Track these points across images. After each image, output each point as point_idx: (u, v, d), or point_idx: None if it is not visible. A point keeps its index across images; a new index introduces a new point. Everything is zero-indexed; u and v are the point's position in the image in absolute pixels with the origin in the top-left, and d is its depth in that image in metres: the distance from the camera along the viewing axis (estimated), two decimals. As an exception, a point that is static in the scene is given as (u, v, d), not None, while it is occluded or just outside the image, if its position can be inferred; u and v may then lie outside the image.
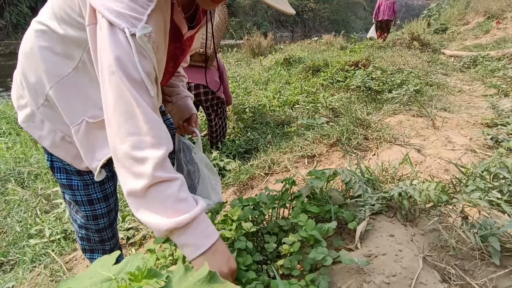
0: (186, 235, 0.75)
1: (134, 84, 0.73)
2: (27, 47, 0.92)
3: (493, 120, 2.36)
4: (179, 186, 0.77)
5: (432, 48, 7.14)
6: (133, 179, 0.74)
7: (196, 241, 0.76)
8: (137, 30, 0.72)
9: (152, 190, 0.74)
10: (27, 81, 0.94)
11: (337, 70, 4.60)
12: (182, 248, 0.77)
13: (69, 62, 0.89)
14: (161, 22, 0.80)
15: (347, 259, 0.88)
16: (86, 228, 1.19)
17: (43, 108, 0.95)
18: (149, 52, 0.76)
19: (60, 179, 1.08)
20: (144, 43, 0.74)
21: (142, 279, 0.55)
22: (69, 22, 0.85)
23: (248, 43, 9.28)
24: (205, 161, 1.23)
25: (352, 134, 2.16)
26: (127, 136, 0.73)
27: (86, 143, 0.94)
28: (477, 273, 0.94)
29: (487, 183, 1.24)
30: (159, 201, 0.74)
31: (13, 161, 2.84)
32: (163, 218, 0.73)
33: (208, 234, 0.77)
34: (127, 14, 0.71)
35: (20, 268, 1.77)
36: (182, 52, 1.07)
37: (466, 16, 13.45)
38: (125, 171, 0.75)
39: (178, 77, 1.28)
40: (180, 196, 0.76)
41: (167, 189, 0.75)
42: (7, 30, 16.36)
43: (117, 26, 0.71)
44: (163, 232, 0.74)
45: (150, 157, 0.73)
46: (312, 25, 38.25)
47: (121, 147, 0.74)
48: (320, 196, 1.21)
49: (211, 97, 2.69)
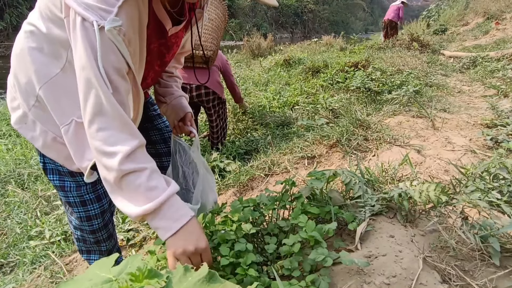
0: (157, 220, 0.81)
1: (98, 80, 0.74)
2: (18, 49, 0.93)
3: (493, 121, 2.36)
4: (148, 175, 0.81)
5: (431, 49, 7.16)
6: (106, 171, 0.80)
7: (165, 224, 0.81)
8: (106, 23, 0.71)
9: (123, 181, 0.79)
10: (18, 82, 0.94)
11: (336, 71, 4.61)
12: (156, 230, 0.83)
13: (57, 62, 0.89)
14: (134, 15, 0.78)
15: (347, 260, 0.88)
16: (81, 229, 1.18)
17: (34, 109, 0.95)
18: (120, 45, 0.75)
19: (53, 180, 1.08)
20: (114, 36, 0.73)
21: (143, 279, 0.56)
22: (52, 19, 0.84)
23: (248, 44, 9.30)
24: (202, 160, 1.22)
25: (352, 135, 2.16)
26: (97, 131, 0.78)
27: (76, 143, 0.93)
28: (477, 273, 0.94)
29: (487, 184, 1.25)
30: (130, 190, 0.80)
31: (13, 162, 2.84)
32: (134, 206, 0.79)
33: (177, 218, 0.82)
34: (96, 6, 0.71)
35: (20, 270, 1.77)
36: (168, 49, 1.04)
37: (466, 17, 13.48)
38: (98, 163, 0.81)
39: (172, 77, 1.27)
40: (150, 184, 0.80)
41: (136, 179, 0.80)
42: (7, 32, 16.38)
43: (86, 19, 0.70)
44: (137, 218, 0.80)
45: (118, 151, 0.78)
46: (311, 26, 38.30)
47: (93, 142, 0.79)
48: (320, 197, 1.21)
49: (212, 97, 2.70)
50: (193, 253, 0.82)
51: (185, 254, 0.81)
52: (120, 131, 0.79)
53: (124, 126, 0.80)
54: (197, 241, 0.83)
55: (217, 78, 2.76)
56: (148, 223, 0.84)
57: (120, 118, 0.79)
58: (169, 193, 0.82)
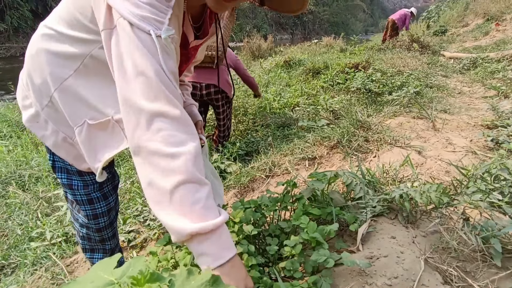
0: (207, 243, 0.71)
1: (164, 83, 0.74)
2: (33, 50, 0.95)
3: (493, 122, 2.36)
4: (208, 192, 0.74)
5: (431, 50, 7.16)
6: (160, 176, 0.71)
7: (216, 251, 0.71)
8: (162, 32, 0.74)
9: (181, 190, 0.70)
10: (32, 82, 0.97)
11: (337, 72, 4.61)
12: (199, 257, 0.72)
13: (71, 65, 0.91)
14: (176, 26, 0.82)
15: (349, 261, 0.88)
16: (87, 227, 1.20)
17: (47, 109, 0.98)
18: (172, 53, 0.79)
19: (61, 178, 1.11)
20: (168, 44, 0.76)
21: (145, 283, 0.55)
22: (77, 26, 0.87)
23: (248, 45, 9.32)
24: (210, 167, 1.25)
25: (352, 136, 2.16)
26: (158, 132, 0.72)
27: (88, 144, 0.97)
28: (479, 274, 0.94)
29: (488, 185, 1.24)
30: (184, 203, 0.70)
31: (14, 164, 2.85)
32: (188, 222, 0.69)
33: (228, 247, 0.73)
34: (151, 18, 0.74)
35: (21, 271, 1.77)
36: (186, 60, 1.09)
37: (466, 18, 13.49)
38: (152, 167, 0.72)
39: (183, 85, 1.30)
40: (208, 203, 0.73)
41: (196, 192, 0.71)
42: (8, 33, 16.42)
43: (142, 29, 0.73)
44: (184, 236, 0.70)
45: (182, 152, 0.71)
46: (312, 28, 38.36)
47: (150, 145, 0.72)
48: (322, 198, 1.21)
49: (221, 96, 2.75)
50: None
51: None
52: (182, 132, 0.74)
53: (185, 126, 0.75)
54: (246, 279, 0.75)
55: (226, 77, 2.80)
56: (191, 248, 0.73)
57: (184, 116, 0.76)
58: (224, 218, 0.74)
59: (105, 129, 0.96)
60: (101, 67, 0.88)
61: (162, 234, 1.85)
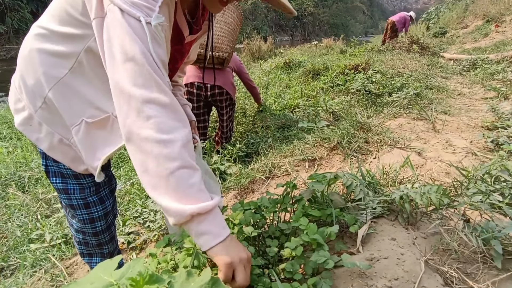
0: (207, 223, 0.74)
1: (153, 69, 0.74)
2: (25, 51, 0.93)
3: (493, 123, 2.36)
4: (200, 178, 0.77)
5: (431, 52, 7.17)
6: (155, 164, 0.72)
7: (215, 230, 0.75)
8: (152, 19, 0.74)
9: (177, 176, 0.72)
10: (25, 84, 0.94)
11: (337, 73, 4.62)
12: (199, 237, 0.75)
13: (65, 63, 0.90)
14: (167, 16, 0.82)
15: (349, 262, 0.87)
16: (83, 232, 1.18)
17: (41, 111, 0.95)
18: (162, 41, 0.78)
19: (55, 183, 1.08)
20: (158, 31, 0.76)
21: (144, 284, 0.55)
22: (69, 21, 0.86)
23: (248, 47, 9.34)
24: (204, 167, 1.23)
25: (352, 138, 2.16)
26: (148, 119, 0.72)
27: (87, 143, 0.95)
28: (480, 276, 0.94)
29: (488, 186, 1.24)
30: (180, 188, 0.73)
31: (14, 165, 2.85)
32: (187, 204, 0.72)
33: (224, 226, 0.77)
34: (141, 4, 0.74)
35: (21, 273, 1.76)
36: (181, 56, 1.07)
37: (465, 20, 13.52)
38: (146, 155, 0.73)
39: (176, 86, 1.29)
40: (201, 187, 0.76)
41: (190, 177, 0.74)
42: (9, 35, 16.46)
43: (132, 15, 0.72)
44: (184, 217, 0.72)
45: (175, 139, 0.73)
46: (311, 29, 38.44)
47: (142, 132, 0.72)
48: (322, 200, 1.21)
49: (225, 97, 2.77)
50: (247, 260, 0.77)
51: (242, 263, 0.75)
52: (173, 119, 0.75)
53: (175, 113, 0.77)
54: (245, 249, 0.79)
55: (231, 79, 2.82)
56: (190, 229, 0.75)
57: (175, 104, 0.77)
58: (219, 199, 0.78)
59: (104, 127, 0.94)
60: (96, 62, 0.87)
61: (162, 235, 1.85)
